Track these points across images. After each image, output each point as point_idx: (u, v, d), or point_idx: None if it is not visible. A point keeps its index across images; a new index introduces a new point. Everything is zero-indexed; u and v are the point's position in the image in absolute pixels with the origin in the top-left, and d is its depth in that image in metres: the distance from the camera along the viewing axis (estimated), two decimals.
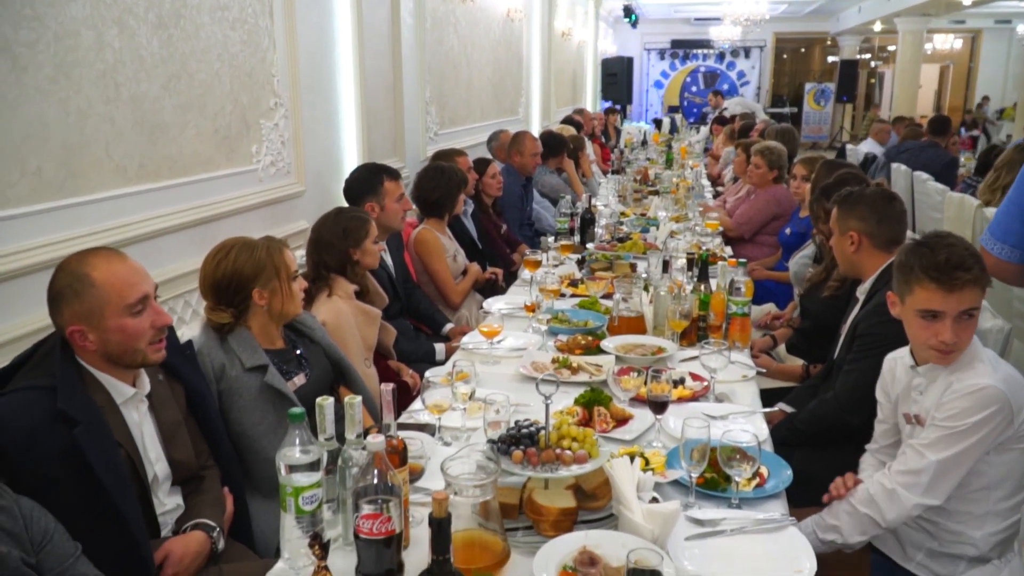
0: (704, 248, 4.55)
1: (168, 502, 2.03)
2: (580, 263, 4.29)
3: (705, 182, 8.32)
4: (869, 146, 10.37)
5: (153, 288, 1.96)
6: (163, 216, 3.09)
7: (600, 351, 2.98)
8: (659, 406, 2.26)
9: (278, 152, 3.94)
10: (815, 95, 20.52)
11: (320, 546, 1.62)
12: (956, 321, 1.99)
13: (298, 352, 2.55)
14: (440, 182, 4.32)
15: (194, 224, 3.26)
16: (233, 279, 2.37)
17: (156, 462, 1.98)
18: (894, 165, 8.14)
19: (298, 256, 3.14)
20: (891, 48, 20.71)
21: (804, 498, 2.26)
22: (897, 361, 2.24)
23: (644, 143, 11.66)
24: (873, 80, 23.61)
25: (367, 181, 3.77)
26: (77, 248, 1.99)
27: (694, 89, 20.87)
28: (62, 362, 1.83)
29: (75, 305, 1.85)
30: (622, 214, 5.72)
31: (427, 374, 2.65)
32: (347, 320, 3.01)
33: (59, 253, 2.02)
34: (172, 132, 3.13)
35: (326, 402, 1.74)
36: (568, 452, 1.85)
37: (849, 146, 11.33)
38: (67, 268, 1.89)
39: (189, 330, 2.46)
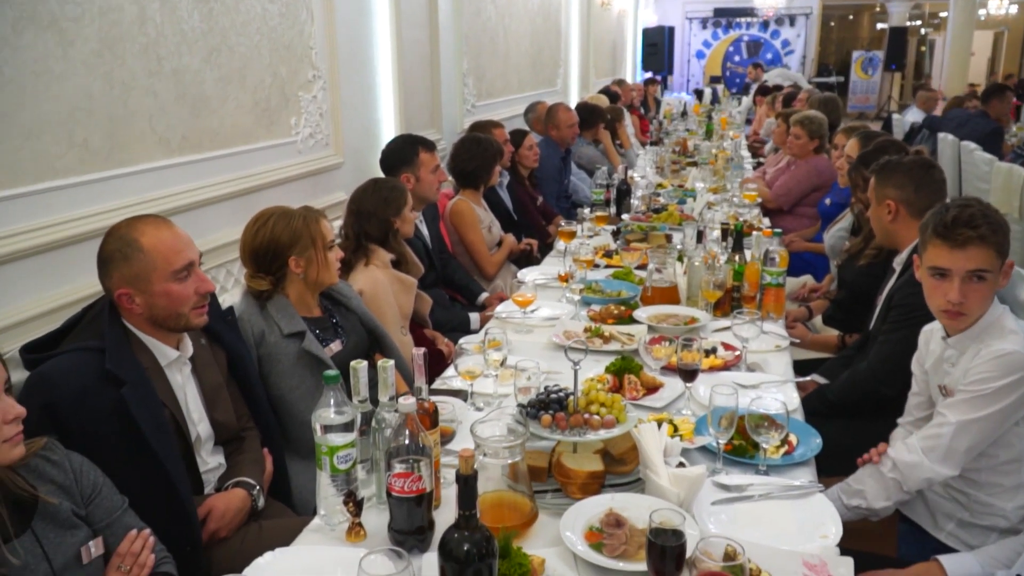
0: (741, 219, 4.52)
1: (211, 461, 2.11)
2: (615, 234, 4.30)
3: (745, 153, 8.21)
4: (915, 115, 10.12)
5: (198, 256, 2.03)
6: (205, 187, 3.17)
7: (633, 321, 2.99)
8: (689, 374, 2.28)
9: (316, 124, 3.99)
10: (863, 64, 20.00)
11: (354, 503, 1.69)
12: (964, 281, 1.98)
13: (334, 320, 2.61)
14: (476, 153, 4.34)
15: (235, 195, 3.33)
16: (271, 247, 2.44)
17: (199, 422, 2.06)
18: (940, 135, 7.95)
19: (335, 226, 3.20)
20: (942, 14, 20.06)
21: (835, 468, 2.27)
22: (932, 333, 2.22)
23: (684, 114, 11.50)
24: (923, 48, 22.92)
25: (403, 152, 3.81)
26: (123, 218, 2.07)
27: (737, 59, 20.45)
28: (110, 325, 1.91)
29: (124, 269, 1.92)
30: (659, 185, 5.69)
31: (460, 341, 2.70)
32: (384, 289, 3.06)
33: (105, 223, 2.09)
34: (213, 105, 3.20)
35: (360, 365, 1.79)
36: (596, 417, 1.88)
37: (895, 116, 11.05)
38: (117, 233, 1.96)
39: (230, 297, 2.53)
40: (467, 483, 1.27)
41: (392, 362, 1.80)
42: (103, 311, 1.95)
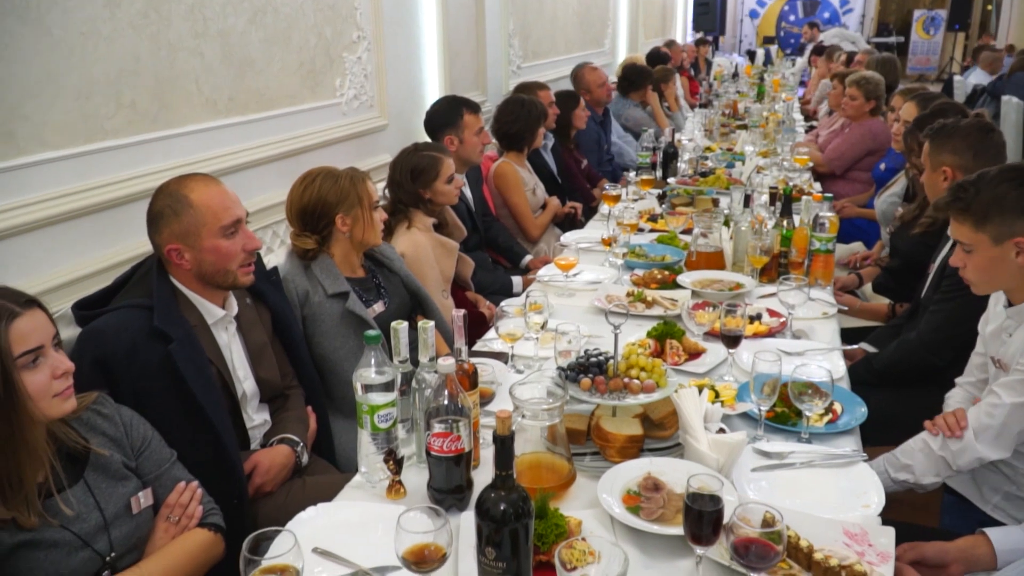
0: (791, 183, 4.42)
1: (256, 417, 2.16)
2: (660, 198, 4.24)
3: (797, 116, 8.01)
4: (978, 77, 9.72)
5: (245, 214, 2.06)
6: (251, 149, 3.20)
7: (676, 286, 2.96)
8: (732, 340, 2.25)
9: (361, 85, 3.98)
10: (924, 23, 19.23)
11: (394, 462, 1.71)
12: (961, 248, 2.03)
13: (377, 281, 2.63)
14: (520, 115, 4.30)
15: (280, 157, 3.36)
16: (318, 205, 2.46)
17: (244, 380, 2.11)
18: (1004, 97, 7.63)
19: (379, 188, 3.21)
20: None
21: (881, 438, 2.24)
22: (1000, 296, 2.15)
23: (735, 76, 11.22)
24: (990, 6, 21.94)
25: (446, 114, 3.79)
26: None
27: (792, 19, 19.83)
28: (158, 283, 1.96)
29: (173, 225, 1.96)
30: (707, 149, 5.59)
31: (502, 304, 2.70)
32: (425, 252, 3.07)
33: (153, 184, 2.13)
34: (258, 66, 3.21)
35: (401, 326, 1.80)
36: (636, 381, 1.87)
37: (957, 78, 10.63)
38: (167, 190, 2.00)
39: (275, 258, 2.56)
40: (504, 444, 1.28)
41: (432, 323, 1.81)
42: (152, 269, 1.99)
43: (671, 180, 4.60)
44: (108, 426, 1.62)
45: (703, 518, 1.38)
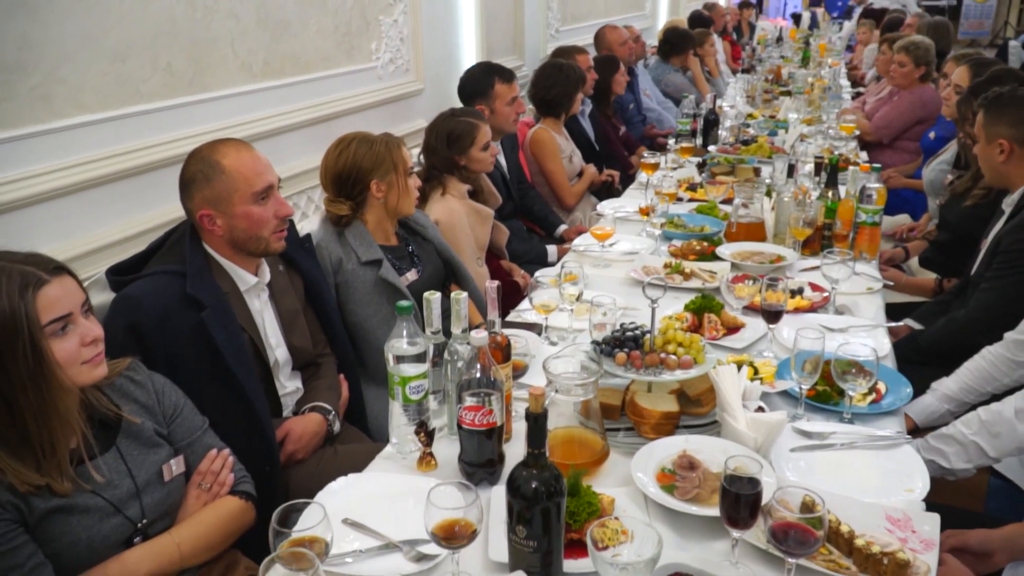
0: (836, 152, 4.30)
1: (289, 385, 2.16)
2: (700, 167, 4.14)
3: (844, 82, 7.78)
4: None
5: (277, 179, 2.04)
6: (286, 113, 3.17)
7: (715, 258, 2.89)
8: (773, 315, 2.18)
9: (397, 49, 3.93)
10: None
11: (426, 433, 1.69)
12: None
13: (411, 249, 2.61)
14: (558, 80, 4.22)
15: (315, 122, 3.33)
16: (353, 170, 2.44)
17: (276, 347, 2.10)
18: None
19: (414, 154, 3.17)
20: None
21: None
22: None
23: (779, 40, 10.93)
24: None
25: (478, 82, 3.73)
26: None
27: None
28: (191, 249, 1.95)
29: (205, 190, 1.94)
30: (749, 116, 5.44)
31: (536, 274, 2.66)
32: (460, 219, 3.04)
33: (188, 148, 2.11)
34: (294, 29, 3.17)
35: (433, 296, 1.78)
36: (673, 357, 1.82)
37: (1012, 43, 10.23)
38: (199, 155, 1.98)
39: (309, 224, 2.55)
40: (537, 421, 1.25)
41: (465, 294, 1.78)
42: (185, 235, 1.98)
43: (711, 148, 4.49)
44: (140, 393, 1.62)
45: (740, 500, 1.34)
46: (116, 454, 1.53)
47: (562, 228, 3.99)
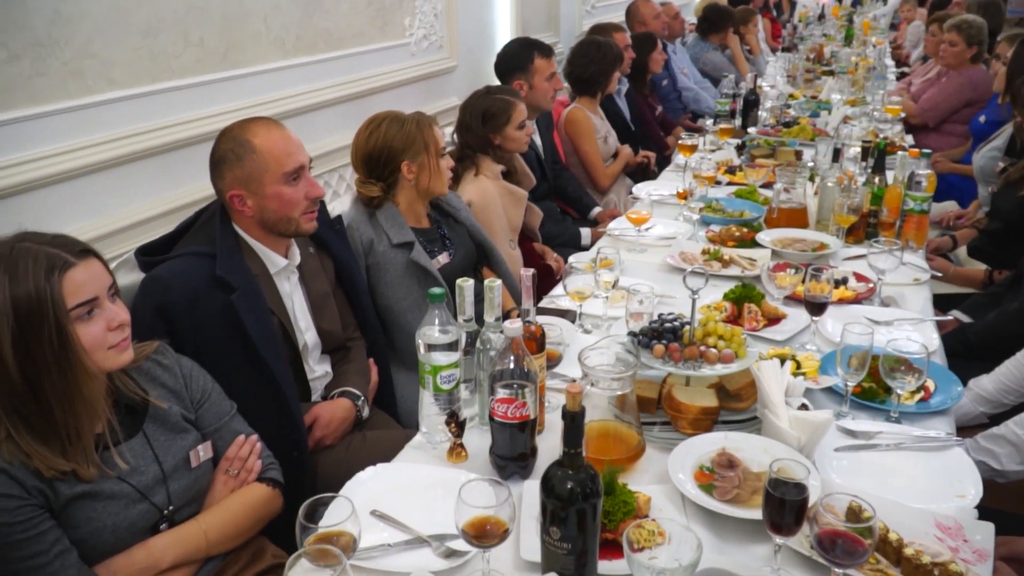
0: (882, 136, 4.17)
1: (318, 369, 2.12)
2: (740, 149, 4.04)
3: (889, 62, 7.56)
4: None
5: (308, 160, 1.99)
6: (318, 90, 3.13)
7: (755, 244, 2.81)
8: (817, 307, 2.10)
9: (431, 25, 3.86)
10: None
11: (456, 424, 1.65)
12: None
13: (442, 232, 2.56)
14: (594, 57, 4.12)
15: (347, 99, 3.28)
16: (383, 151, 2.39)
17: (306, 331, 2.07)
18: None
19: (447, 133, 3.12)
20: None
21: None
22: None
23: (821, 17, 10.65)
24: None
25: (517, 57, 3.65)
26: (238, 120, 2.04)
27: None
28: (221, 230, 1.91)
29: (236, 170, 1.90)
30: (790, 96, 5.30)
31: (570, 259, 2.60)
32: (493, 200, 2.98)
33: (219, 125, 2.08)
34: (327, 4, 3.12)
35: (466, 283, 1.72)
36: (713, 350, 1.75)
37: None
38: (229, 134, 1.94)
39: (341, 203, 2.50)
40: (574, 420, 1.19)
41: (499, 282, 1.73)
42: (215, 215, 1.94)
43: (751, 130, 4.38)
44: (168, 377, 1.59)
45: (785, 506, 1.27)
46: (143, 439, 1.50)
47: (596, 210, 3.92)
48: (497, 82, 3.74)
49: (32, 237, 1.39)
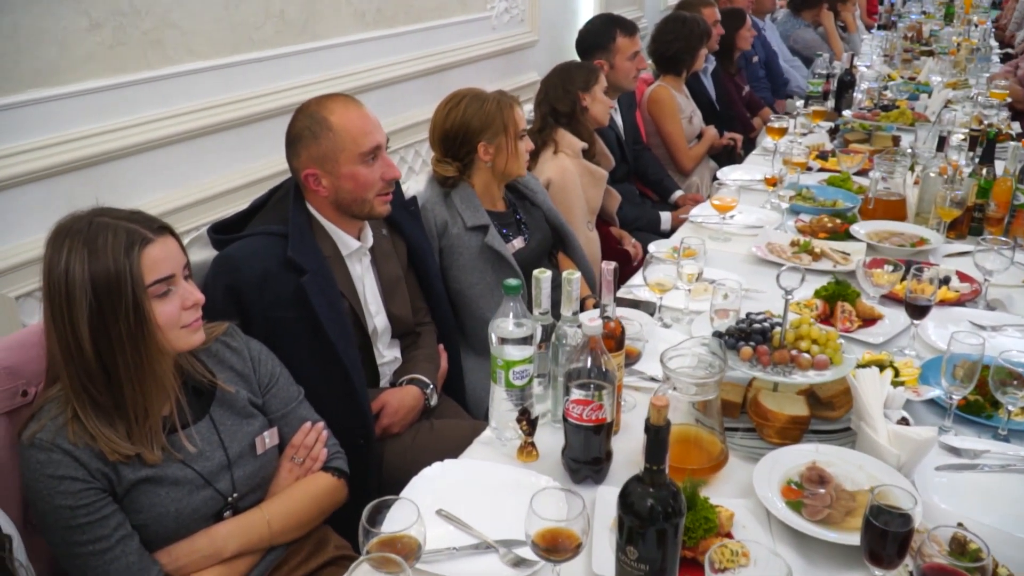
0: (987, 122, 3.89)
1: (387, 354, 2.08)
2: (833, 133, 3.83)
3: (993, 43, 7.10)
4: None
5: (385, 139, 1.93)
6: (398, 64, 3.07)
7: (849, 236, 2.64)
8: (918, 310, 1.95)
9: None
10: None
11: (528, 422, 1.58)
12: None
13: (518, 216, 2.48)
14: (680, 34, 3.96)
15: (426, 73, 3.22)
16: (461, 130, 2.31)
17: (376, 315, 2.02)
18: None
19: (527, 111, 3.03)
20: None
21: None
22: None
23: None
24: None
25: (599, 35, 3.51)
26: (316, 93, 1.99)
27: None
28: (294, 210, 1.86)
29: (312, 148, 1.85)
30: (887, 77, 5.01)
31: (651, 248, 2.49)
32: (572, 179, 2.88)
33: (298, 98, 2.04)
34: None
35: (543, 275, 1.64)
36: (806, 355, 1.64)
37: None
38: (307, 111, 1.89)
39: (417, 182, 2.45)
40: (658, 435, 1.10)
41: (578, 274, 1.64)
42: (288, 194, 1.90)
43: (846, 112, 4.15)
44: (236, 360, 1.56)
45: (887, 537, 1.16)
46: (209, 423, 1.47)
47: (677, 194, 3.77)
48: (576, 57, 3.62)
49: (109, 212, 1.37)
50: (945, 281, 2.29)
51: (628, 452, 1.59)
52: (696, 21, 4.04)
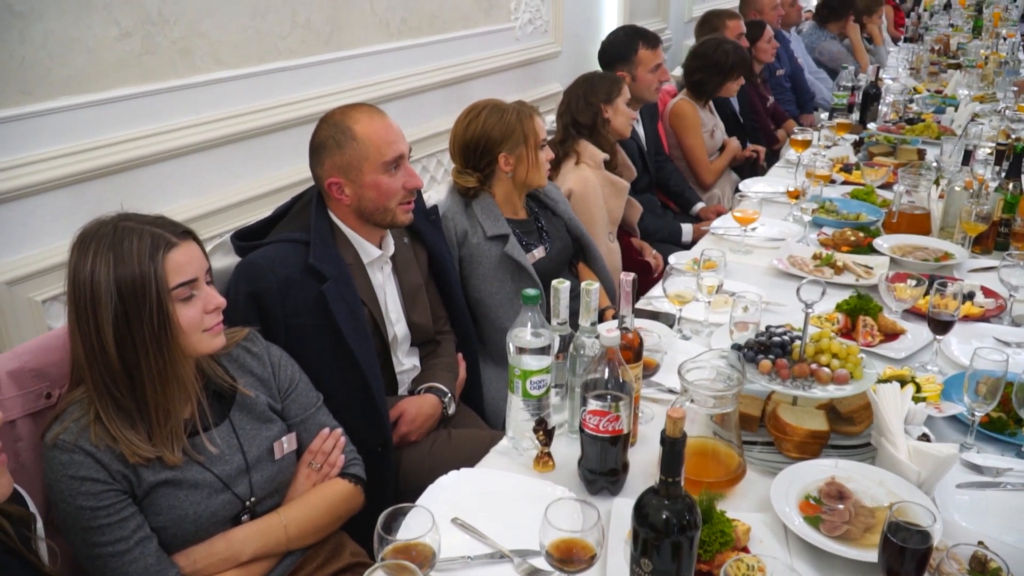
0: (1014, 136, 3.85)
1: (406, 362, 2.09)
2: (857, 145, 3.80)
3: (1022, 56, 7.02)
4: None
5: (408, 149, 1.95)
6: (421, 74, 3.10)
7: (872, 250, 2.62)
8: (942, 325, 1.93)
9: (536, 9, 3.77)
10: None
11: (545, 432, 1.58)
12: None
13: (539, 225, 2.48)
14: (702, 66, 3.88)
15: (449, 83, 3.24)
16: (481, 141, 2.33)
17: (396, 323, 2.03)
18: None
19: (548, 122, 3.04)
20: None
21: None
22: None
23: (948, 6, 10.01)
24: None
25: (622, 46, 3.51)
26: (340, 102, 2.02)
27: None
28: (317, 218, 1.88)
29: (336, 157, 1.87)
30: (913, 90, 4.97)
31: (671, 259, 2.48)
32: (594, 190, 2.88)
33: (322, 107, 2.06)
34: None
35: (562, 285, 1.64)
36: (826, 369, 1.62)
37: None
38: (331, 120, 1.91)
39: (438, 191, 2.46)
40: (673, 447, 1.10)
41: (596, 285, 1.64)
42: (311, 202, 1.92)
43: (871, 125, 4.11)
44: (256, 365, 1.57)
45: (906, 555, 1.15)
46: (228, 428, 1.49)
47: (699, 206, 3.76)
48: (600, 69, 3.62)
49: (133, 217, 1.39)
50: (969, 296, 2.27)
51: (645, 464, 1.59)
52: (725, 53, 3.89)
